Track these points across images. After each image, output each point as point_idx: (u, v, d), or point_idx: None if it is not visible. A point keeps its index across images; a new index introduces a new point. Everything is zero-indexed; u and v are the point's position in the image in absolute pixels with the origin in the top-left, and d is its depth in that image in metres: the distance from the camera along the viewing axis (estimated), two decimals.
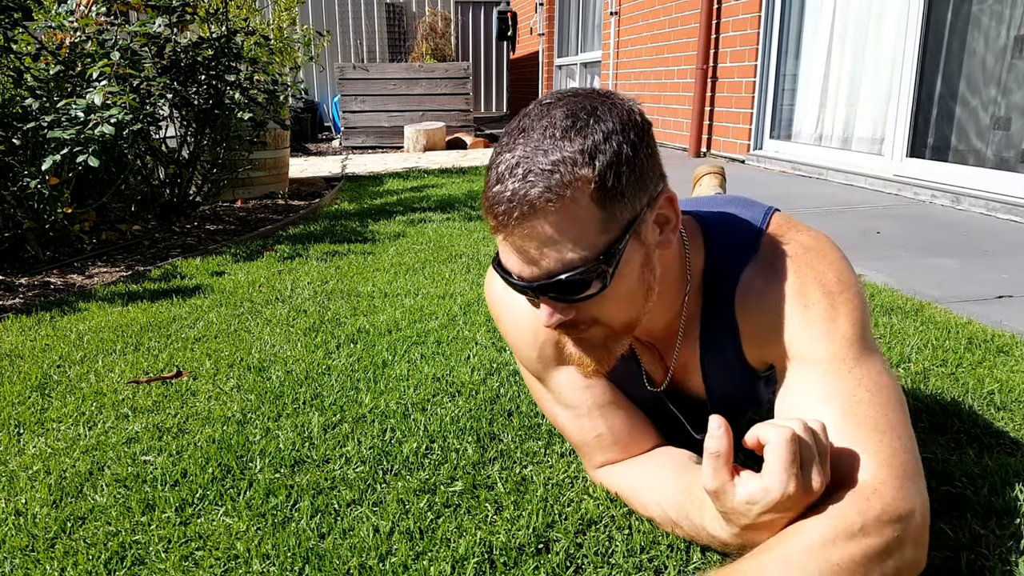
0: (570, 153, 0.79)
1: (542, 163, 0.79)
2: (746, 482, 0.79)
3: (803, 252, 0.95)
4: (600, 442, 1.08)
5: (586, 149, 0.80)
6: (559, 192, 0.78)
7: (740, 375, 1.03)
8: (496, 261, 0.88)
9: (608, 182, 0.80)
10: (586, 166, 0.79)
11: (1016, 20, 3.23)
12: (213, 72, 3.48)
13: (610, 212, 0.81)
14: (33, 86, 2.81)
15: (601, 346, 0.92)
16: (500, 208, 0.81)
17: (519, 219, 0.80)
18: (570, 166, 0.79)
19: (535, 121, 0.83)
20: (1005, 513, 1.05)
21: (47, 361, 1.81)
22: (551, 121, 0.82)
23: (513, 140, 0.83)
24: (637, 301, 0.89)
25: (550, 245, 0.81)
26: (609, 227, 0.82)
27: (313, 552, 1.02)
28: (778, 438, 0.76)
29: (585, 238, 0.81)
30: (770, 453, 0.77)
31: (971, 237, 2.78)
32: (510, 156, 0.81)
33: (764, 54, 4.81)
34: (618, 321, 0.90)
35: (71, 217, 2.83)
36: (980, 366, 1.59)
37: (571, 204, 0.79)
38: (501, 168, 0.82)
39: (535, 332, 1.06)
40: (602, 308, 0.87)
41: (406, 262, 2.74)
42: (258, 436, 1.38)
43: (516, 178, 0.79)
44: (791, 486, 0.76)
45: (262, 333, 1.98)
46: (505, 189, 0.80)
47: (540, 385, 1.12)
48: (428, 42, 10.60)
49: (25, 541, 1.08)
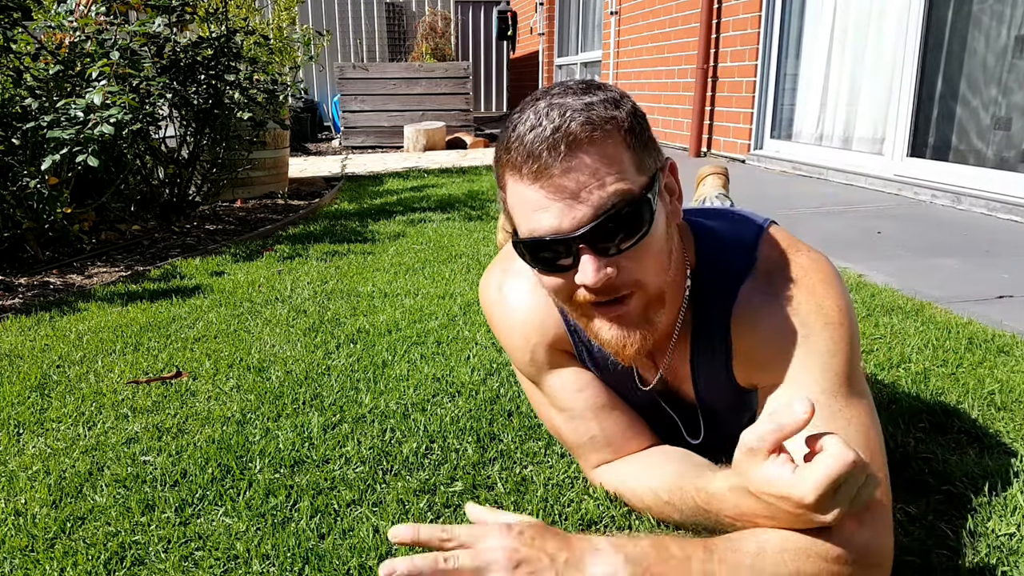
0: (598, 99, 0.82)
1: (575, 104, 0.81)
2: (780, 465, 0.76)
3: (803, 275, 0.93)
4: (594, 443, 1.08)
5: (609, 99, 0.83)
6: (600, 125, 0.80)
7: (728, 388, 1.03)
8: (521, 240, 0.85)
9: (636, 128, 0.83)
10: (616, 109, 0.82)
11: (1016, 20, 3.23)
12: (213, 72, 3.48)
13: (640, 157, 0.83)
14: (33, 86, 2.81)
15: (641, 319, 0.88)
16: (542, 147, 0.79)
17: (566, 153, 0.79)
18: (601, 108, 0.81)
19: (544, 92, 0.84)
20: (1005, 513, 1.05)
21: (47, 361, 1.81)
22: (563, 87, 0.84)
23: (529, 103, 0.83)
24: (665, 263, 0.88)
25: (597, 178, 0.80)
26: (641, 171, 0.83)
27: (313, 552, 1.02)
28: (837, 455, 0.72)
29: (624, 176, 0.81)
30: (820, 462, 0.73)
31: (972, 237, 2.77)
32: (535, 109, 0.82)
33: (764, 54, 4.81)
34: (653, 284, 0.87)
35: (70, 217, 2.83)
36: (980, 366, 1.58)
37: (610, 140, 0.81)
38: (530, 118, 0.81)
39: (528, 336, 1.06)
40: (641, 264, 0.85)
41: (406, 262, 2.74)
42: (258, 436, 1.38)
43: (553, 119, 0.80)
44: (809, 497, 0.73)
45: (262, 333, 1.98)
46: (544, 129, 0.80)
47: (535, 388, 1.12)
48: (428, 42, 10.59)
49: (25, 541, 1.07)
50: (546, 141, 0.79)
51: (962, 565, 0.95)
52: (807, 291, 0.92)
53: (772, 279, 0.93)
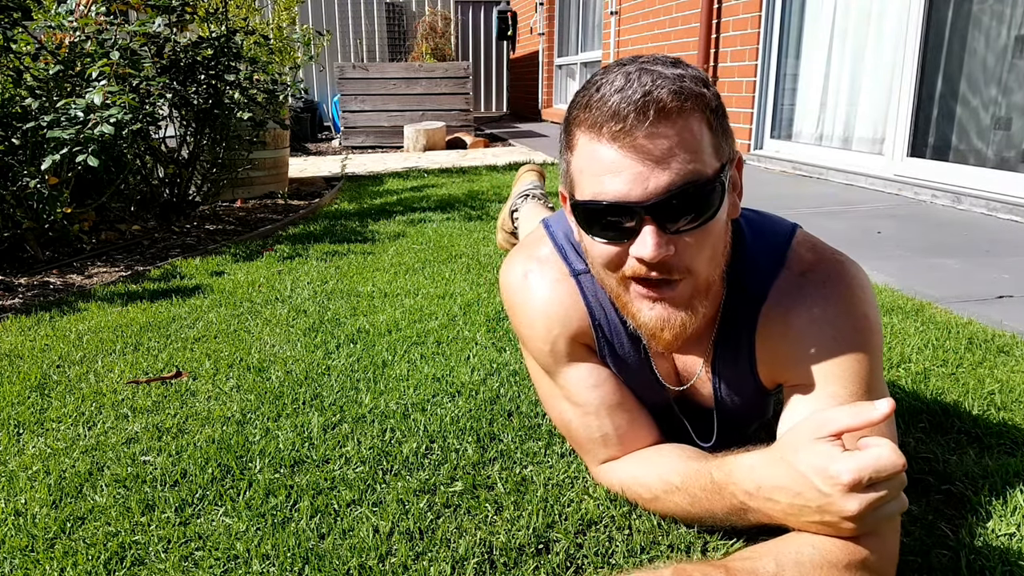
0: (689, 74, 0.81)
1: (666, 72, 0.79)
2: (832, 444, 0.74)
3: (835, 278, 0.93)
4: (605, 441, 1.07)
5: (700, 77, 0.81)
6: (688, 99, 0.79)
7: (750, 389, 1.02)
8: (581, 202, 0.83)
9: (719, 112, 0.82)
10: (704, 88, 0.81)
11: (1017, 20, 3.23)
12: (213, 72, 3.48)
13: (717, 143, 0.82)
14: (33, 86, 2.81)
15: (686, 305, 0.87)
16: (629, 108, 0.78)
17: (653, 119, 0.77)
18: (691, 83, 0.80)
19: (632, 59, 0.83)
20: (1005, 513, 1.05)
21: (46, 361, 1.81)
22: (652, 57, 0.83)
23: (614, 67, 0.82)
24: (719, 255, 0.88)
25: (679, 149, 0.78)
26: (718, 155, 0.82)
27: (313, 552, 1.02)
28: (890, 452, 0.71)
29: (703, 156, 0.80)
30: (871, 451, 0.72)
31: (972, 237, 2.77)
32: (624, 72, 0.80)
33: (764, 54, 4.81)
34: (704, 272, 0.86)
35: (70, 217, 2.83)
36: (981, 366, 1.58)
37: (695, 117, 0.80)
38: (618, 80, 0.79)
39: (551, 327, 1.04)
40: (699, 249, 0.84)
41: (406, 262, 2.74)
42: (258, 436, 1.38)
43: (645, 83, 0.78)
44: (845, 476, 0.71)
45: (262, 333, 1.98)
46: (635, 92, 0.78)
47: (548, 380, 1.10)
48: (428, 42, 10.59)
49: (25, 541, 1.07)
50: (635, 104, 0.77)
51: (962, 565, 0.95)
52: (837, 294, 0.91)
53: (803, 281, 0.93)
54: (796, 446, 0.77)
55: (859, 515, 0.73)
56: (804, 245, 0.96)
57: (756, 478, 0.81)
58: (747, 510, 0.84)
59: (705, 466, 0.91)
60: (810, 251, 0.95)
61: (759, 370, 0.98)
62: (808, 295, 0.92)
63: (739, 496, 0.84)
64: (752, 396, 1.03)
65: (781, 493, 0.78)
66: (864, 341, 0.89)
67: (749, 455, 0.84)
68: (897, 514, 0.76)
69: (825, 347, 0.89)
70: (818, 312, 0.90)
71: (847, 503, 0.73)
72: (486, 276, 2.48)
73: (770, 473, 0.79)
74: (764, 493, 0.80)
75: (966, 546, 0.98)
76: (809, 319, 0.90)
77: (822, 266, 0.94)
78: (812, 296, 0.91)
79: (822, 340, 0.89)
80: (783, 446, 0.79)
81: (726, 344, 1.00)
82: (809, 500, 0.75)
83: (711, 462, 0.91)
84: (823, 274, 0.93)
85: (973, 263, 2.42)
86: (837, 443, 0.75)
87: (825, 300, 0.91)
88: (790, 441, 0.78)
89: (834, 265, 0.94)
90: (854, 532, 0.76)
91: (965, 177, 3.37)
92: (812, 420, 0.77)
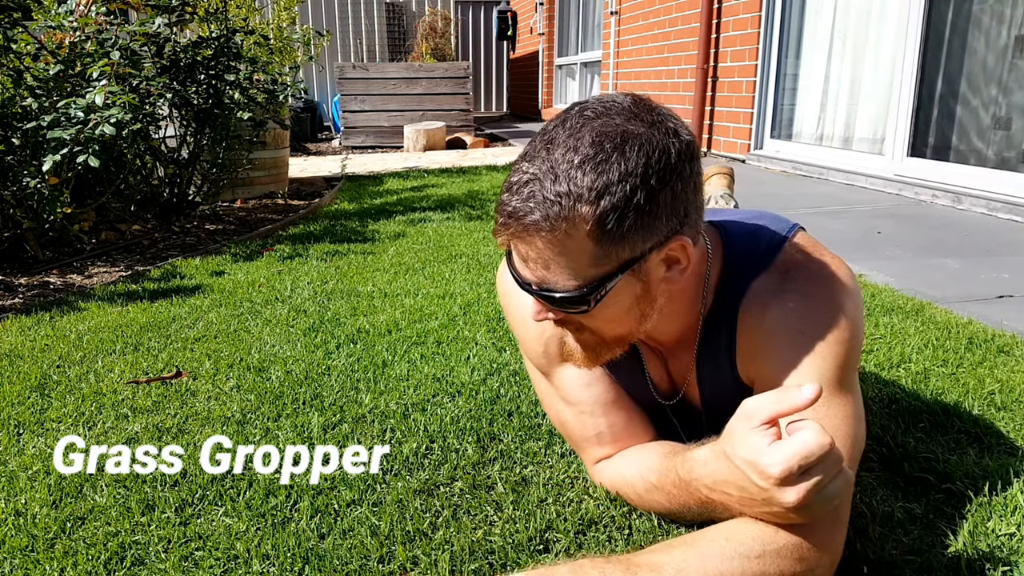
0: (577, 188, 0.78)
1: (548, 190, 0.79)
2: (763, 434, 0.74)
3: (817, 277, 0.93)
4: (600, 439, 1.08)
5: (595, 187, 0.78)
6: (554, 223, 0.79)
7: (733, 388, 1.03)
8: (508, 251, 0.90)
9: (608, 224, 0.79)
10: (589, 204, 0.78)
11: (1017, 20, 3.23)
12: (213, 72, 3.47)
13: (605, 250, 0.81)
14: (33, 86, 2.81)
15: (592, 348, 0.94)
16: (502, 218, 0.83)
17: (514, 234, 0.83)
18: (572, 201, 0.78)
19: (566, 136, 0.82)
20: (1005, 513, 1.05)
21: (47, 361, 1.81)
22: (577, 143, 0.80)
23: (536, 150, 0.83)
24: (626, 324, 0.90)
25: (540, 262, 0.83)
26: (602, 262, 0.82)
27: (313, 552, 1.02)
28: (813, 436, 0.71)
29: (574, 268, 0.82)
30: (794, 438, 0.72)
31: (972, 237, 2.77)
32: (527, 168, 0.82)
33: (764, 54, 4.81)
34: (607, 336, 0.92)
35: (70, 217, 2.83)
36: (981, 366, 1.58)
37: (564, 237, 0.80)
38: (515, 178, 0.83)
39: (542, 328, 1.06)
40: (591, 321, 0.89)
41: (406, 262, 2.74)
42: (258, 436, 1.38)
43: (521, 197, 0.81)
44: (774, 469, 0.71)
45: (262, 333, 1.98)
46: (510, 202, 0.82)
47: (544, 380, 1.12)
48: (428, 42, 10.58)
49: (25, 541, 1.07)
50: (507, 216, 0.82)
51: (962, 565, 0.95)
52: (814, 290, 0.92)
53: (784, 278, 0.94)
54: (732, 438, 0.78)
55: (799, 505, 0.73)
56: (797, 247, 0.97)
57: (710, 472, 0.82)
58: (713, 503, 0.85)
59: (673, 463, 0.92)
60: (800, 252, 0.96)
61: (739, 368, 0.99)
62: (787, 290, 0.92)
63: (702, 491, 0.85)
64: (736, 394, 1.03)
65: (730, 487, 0.79)
66: (833, 338, 0.89)
67: (702, 449, 0.85)
68: (845, 492, 0.76)
69: (789, 339, 0.90)
70: (792, 306, 0.91)
71: (785, 496, 0.73)
72: (486, 276, 2.48)
73: (719, 467, 0.80)
74: (720, 487, 0.81)
75: (966, 546, 0.98)
76: (782, 312, 0.91)
77: (808, 265, 0.95)
78: (790, 291, 0.92)
79: (788, 332, 0.90)
80: (724, 438, 0.80)
81: (709, 345, 1.01)
82: (753, 494, 0.76)
83: (677, 458, 0.91)
84: (806, 271, 0.94)
85: (973, 263, 2.42)
86: (770, 432, 0.74)
87: (802, 295, 0.92)
88: (728, 432, 0.79)
89: (819, 264, 0.95)
90: (806, 520, 0.76)
91: (965, 177, 3.37)
92: (744, 409, 0.77)
